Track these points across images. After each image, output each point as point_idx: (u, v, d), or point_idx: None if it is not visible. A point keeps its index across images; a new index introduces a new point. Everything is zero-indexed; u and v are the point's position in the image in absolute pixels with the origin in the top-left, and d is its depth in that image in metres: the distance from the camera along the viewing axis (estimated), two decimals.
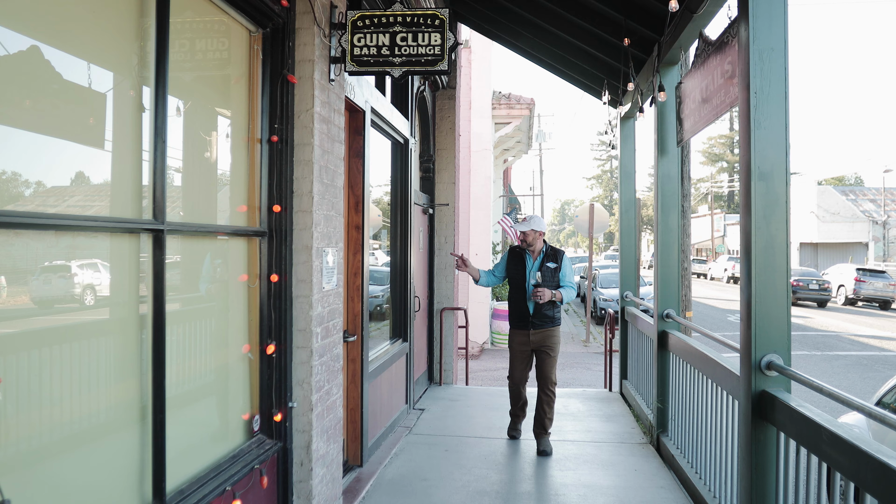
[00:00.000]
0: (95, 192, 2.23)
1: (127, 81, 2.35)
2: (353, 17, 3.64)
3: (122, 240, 2.32)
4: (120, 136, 2.30)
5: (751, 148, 3.36)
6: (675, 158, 5.87)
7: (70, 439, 2.09)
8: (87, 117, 2.15)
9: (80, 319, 2.17)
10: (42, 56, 1.95)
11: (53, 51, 2.01)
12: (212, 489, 2.73)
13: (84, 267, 2.15)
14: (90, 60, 2.18)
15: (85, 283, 2.14)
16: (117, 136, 2.29)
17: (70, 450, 2.09)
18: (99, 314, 2.26)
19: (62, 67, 2.04)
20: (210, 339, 2.97)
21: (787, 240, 3.34)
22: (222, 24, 3.03)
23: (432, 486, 4.78)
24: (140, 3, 2.40)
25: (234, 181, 3.18)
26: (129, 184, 2.36)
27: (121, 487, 2.32)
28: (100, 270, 2.22)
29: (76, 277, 2.10)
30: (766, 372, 3.33)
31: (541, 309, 5.70)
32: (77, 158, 2.13)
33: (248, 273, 3.28)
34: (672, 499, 4.62)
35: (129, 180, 2.35)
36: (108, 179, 2.28)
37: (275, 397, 3.37)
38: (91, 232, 2.18)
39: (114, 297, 2.30)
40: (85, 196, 2.18)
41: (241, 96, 3.22)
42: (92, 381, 2.18)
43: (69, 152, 2.09)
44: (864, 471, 2.40)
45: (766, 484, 3.32)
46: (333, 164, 3.76)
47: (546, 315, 5.72)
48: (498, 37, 8.76)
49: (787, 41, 3.35)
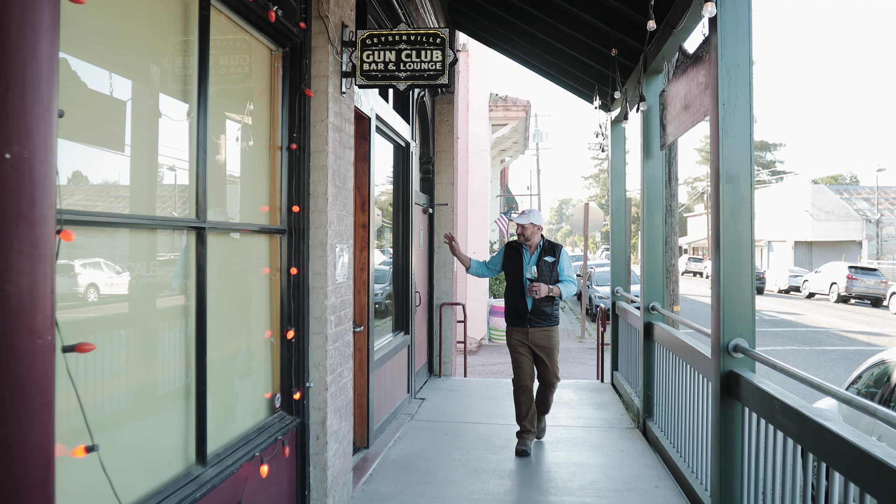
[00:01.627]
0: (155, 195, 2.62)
1: (177, 99, 2.74)
2: (363, 35, 4.04)
3: (172, 236, 2.71)
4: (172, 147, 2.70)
5: (720, 154, 3.75)
6: (659, 161, 6.27)
7: (136, 405, 2.48)
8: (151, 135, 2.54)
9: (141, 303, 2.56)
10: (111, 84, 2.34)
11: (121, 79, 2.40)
12: (243, 454, 3.12)
13: (145, 259, 2.54)
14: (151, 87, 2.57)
15: (144, 273, 2.53)
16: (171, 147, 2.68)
17: (136, 414, 2.48)
18: (155, 300, 2.64)
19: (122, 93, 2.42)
20: (239, 324, 3.36)
21: (752, 236, 3.74)
22: (248, 45, 3.42)
23: (434, 465, 5.18)
24: (185, 32, 2.79)
25: (259, 184, 3.57)
26: (179, 188, 2.75)
27: (172, 449, 2.71)
28: (156, 262, 2.61)
29: (137, 268, 2.49)
30: (734, 354, 3.72)
31: (539, 305, 5.54)
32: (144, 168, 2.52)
33: (270, 266, 3.67)
34: (655, 475, 5.02)
35: (179, 185, 2.74)
36: (164, 184, 2.67)
37: (294, 378, 3.76)
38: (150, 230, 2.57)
39: (166, 285, 2.69)
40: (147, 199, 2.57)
41: (264, 108, 3.61)
42: (151, 356, 2.58)
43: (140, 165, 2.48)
44: (805, 432, 2.80)
45: (734, 454, 3.71)
46: (345, 169, 4.15)
47: (544, 312, 5.55)
48: (494, 44, 9.16)
49: (751, 58, 3.75)
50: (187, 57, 2.79)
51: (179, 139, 2.75)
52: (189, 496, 2.63)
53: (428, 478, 4.88)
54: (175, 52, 2.74)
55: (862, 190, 46.50)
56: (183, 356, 2.77)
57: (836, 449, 2.54)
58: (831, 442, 2.57)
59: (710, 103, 3.96)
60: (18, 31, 1.60)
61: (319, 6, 3.83)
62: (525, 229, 5.69)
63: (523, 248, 5.71)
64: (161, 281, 2.66)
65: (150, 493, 2.49)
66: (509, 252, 5.80)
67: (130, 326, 2.48)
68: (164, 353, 2.67)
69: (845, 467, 2.47)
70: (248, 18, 3.28)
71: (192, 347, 2.79)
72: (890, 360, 5.23)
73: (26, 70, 1.61)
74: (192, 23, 2.80)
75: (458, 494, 4.55)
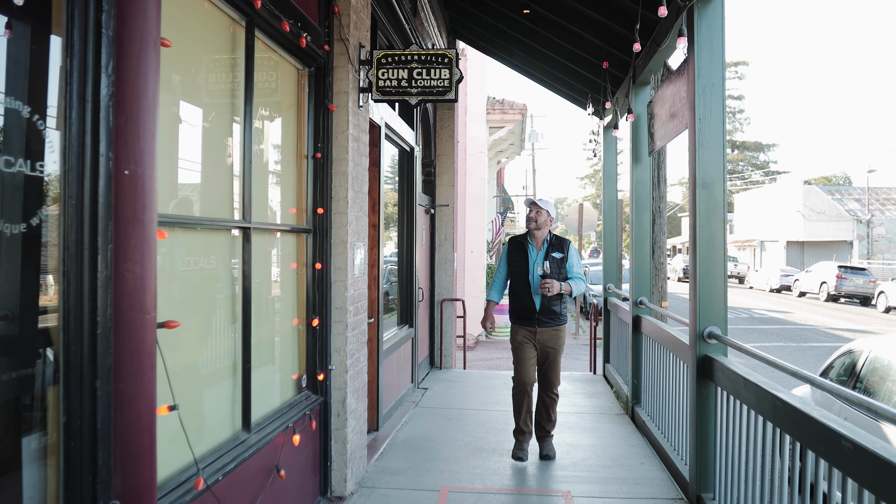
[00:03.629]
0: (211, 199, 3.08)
1: (227, 117, 3.21)
2: (378, 55, 4.50)
3: (228, 235, 3.17)
4: (225, 159, 3.16)
5: (696, 162, 4.23)
6: (647, 166, 6.76)
7: (199, 377, 2.94)
8: (210, 149, 3.00)
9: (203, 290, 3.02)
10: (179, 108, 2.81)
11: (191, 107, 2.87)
12: (278, 425, 3.58)
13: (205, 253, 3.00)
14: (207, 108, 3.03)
15: (206, 266, 3.00)
16: (224, 158, 3.15)
17: (200, 385, 2.94)
18: (213, 288, 3.11)
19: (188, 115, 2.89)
20: (274, 312, 3.82)
21: (724, 236, 4.22)
22: (282, 67, 3.89)
23: (439, 444, 5.65)
24: (233, 63, 3.26)
25: (290, 189, 4.03)
26: (232, 194, 3.21)
27: (225, 416, 3.17)
28: (214, 256, 3.08)
29: (200, 261, 2.96)
30: (708, 340, 4.20)
31: (548, 304, 5.19)
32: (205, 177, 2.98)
33: (297, 262, 4.14)
34: (641, 454, 5.50)
35: (232, 191, 3.21)
36: (220, 191, 3.13)
37: (318, 361, 4.23)
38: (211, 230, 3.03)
39: (223, 276, 3.15)
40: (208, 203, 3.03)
41: (293, 121, 4.08)
42: (211, 337, 3.04)
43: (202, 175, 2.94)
44: (763, 404, 3.28)
45: (708, 428, 4.19)
46: (361, 174, 4.62)
47: (553, 311, 5.22)
48: (492, 53, 9.64)
49: (724, 78, 4.22)
50: (235, 82, 3.25)
51: (231, 152, 3.21)
52: (238, 456, 3.10)
53: (434, 455, 5.35)
54: (226, 78, 3.20)
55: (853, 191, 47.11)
56: (233, 338, 3.23)
57: (785, 415, 3.02)
58: (781, 409, 3.05)
59: (688, 117, 4.44)
60: (135, 75, 2.06)
61: (341, 30, 4.29)
62: (539, 215, 5.28)
63: (529, 243, 5.34)
64: (218, 272, 3.12)
65: (210, 451, 2.96)
66: (514, 248, 5.40)
67: (196, 310, 2.94)
68: (219, 335, 3.14)
69: (791, 429, 2.95)
70: (282, 44, 3.75)
71: (239, 330, 3.25)
72: (856, 349, 5.72)
73: (140, 105, 2.08)
74: (240, 52, 3.26)
75: (461, 469, 5.03)
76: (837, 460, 2.51)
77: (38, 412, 2.00)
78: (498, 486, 4.72)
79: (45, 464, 2.01)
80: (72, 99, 1.98)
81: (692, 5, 4.20)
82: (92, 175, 2.01)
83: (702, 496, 4.19)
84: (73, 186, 1.99)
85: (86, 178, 2.00)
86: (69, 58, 1.97)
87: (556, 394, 5.36)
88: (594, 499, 4.49)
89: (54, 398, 2.00)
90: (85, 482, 2.01)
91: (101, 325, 2.02)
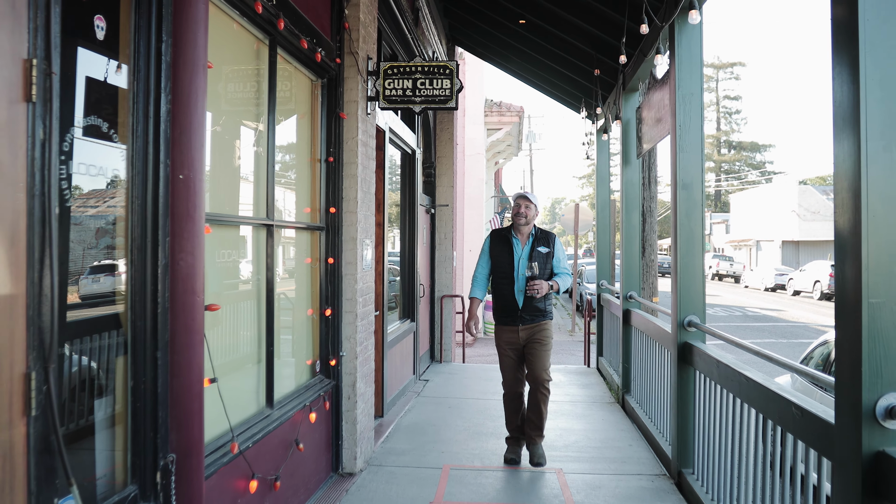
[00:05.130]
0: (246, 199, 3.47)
1: (254, 125, 3.59)
2: (385, 66, 4.88)
3: (252, 231, 3.56)
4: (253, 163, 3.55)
5: (677, 165, 4.62)
6: (636, 168, 7.15)
7: (231, 357, 3.32)
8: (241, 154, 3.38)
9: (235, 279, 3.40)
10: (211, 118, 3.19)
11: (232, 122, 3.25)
12: (297, 403, 3.96)
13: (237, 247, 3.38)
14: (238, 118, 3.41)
15: (237, 258, 3.38)
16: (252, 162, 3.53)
17: (231, 363, 3.32)
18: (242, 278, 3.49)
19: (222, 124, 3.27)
20: (292, 302, 4.20)
21: (702, 233, 4.60)
22: (299, 79, 4.27)
23: (440, 429, 6.04)
24: (258, 75, 3.64)
25: (305, 190, 4.42)
26: (257, 194, 3.60)
27: (252, 392, 3.56)
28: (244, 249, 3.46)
29: (233, 254, 3.34)
30: (688, 328, 4.59)
31: (531, 302, 5.00)
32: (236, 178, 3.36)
33: (312, 257, 4.52)
34: (629, 437, 5.89)
35: (257, 192, 3.59)
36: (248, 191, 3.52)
37: (330, 347, 4.61)
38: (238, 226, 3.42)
39: (251, 267, 3.54)
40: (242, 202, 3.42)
41: (307, 129, 4.46)
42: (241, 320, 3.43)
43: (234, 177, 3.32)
44: (732, 382, 3.67)
45: (688, 408, 4.58)
46: (369, 177, 5.00)
47: (537, 308, 5.02)
48: (490, 59, 10.03)
49: (702, 88, 4.60)
50: (259, 94, 3.64)
51: (258, 157, 3.59)
52: (264, 428, 3.48)
53: (436, 438, 5.73)
54: (252, 91, 3.59)
55: None
56: (258, 323, 3.61)
57: (750, 390, 3.41)
58: (746, 385, 3.44)
59: (670, 123, 4.82)
60: (187, 94, 2.45)
61: (351, 44, 4.67)
62: (529, 210, 5.07)
63: (513, 237, 5.09)
64: (246, 264, 3.51)
65: (241, 422, 3.34)
66: (497, 242, 5.13)
67: (228, 298, 3.32)
68: (247, 320, 3.52)
69: (755, 402, 3.34)
70: (299, 59, 4.13)
71: (263, 316, 3.63)
72: (830, 339, 6.11)
73: (192, 119, 2.46)
74: (264, 67, 3.65)
75: (462, 450, 5.41)
76: (788, 424, 2.89)
77: (109, 379, 2.38)
78: (495, 464, 5.09)
79: (114, 422, 2.39)
80: (137, 115, 2.37)
81: (673, 21, 4.59)
82: (153, 179, 2.39)
83: (682, 471, 4.58)
84: (139, 189, 2.37)
85: (149, 182, 2.39)
86: (135, 82, 2.36)
87: (547, 389, 5.04)
88: (584, 475, 4.87)
89: (122, 367, 2.38)
90: (148, 438, 2.40)
91: (160, 305, 2.41)
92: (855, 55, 2.17)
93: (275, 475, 3.55)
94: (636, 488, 4.62)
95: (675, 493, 4.53)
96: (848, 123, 2.20)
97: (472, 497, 4.42)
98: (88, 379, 2.31)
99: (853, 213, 2.18)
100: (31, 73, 1.77)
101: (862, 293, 2.13)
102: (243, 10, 3.29)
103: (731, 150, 71.07)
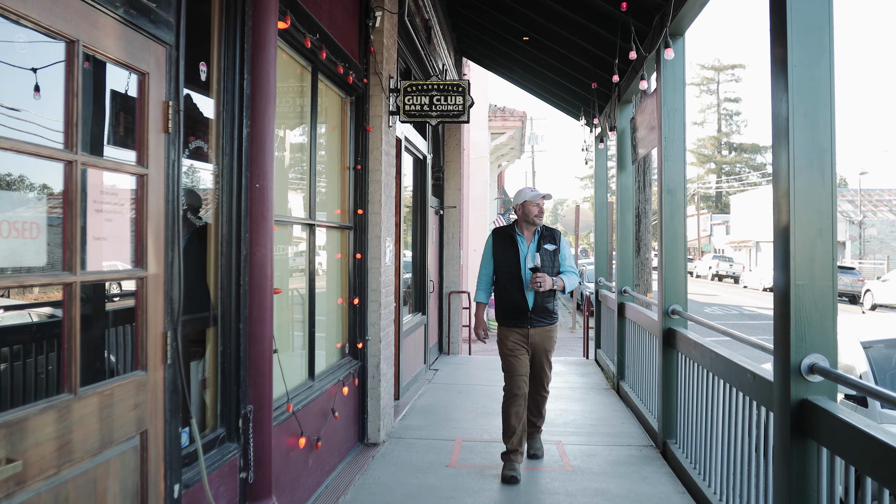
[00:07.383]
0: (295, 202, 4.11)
1: (301, 139, 4.23)
2: (405, 85, 5.53)
3: (299, 229, 4.20)
4: (300, 171, 4.19)
5: (663, 173, 5.25)
6: (630, 173, 7.79)
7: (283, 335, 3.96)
8: (293, 165, 4.02)
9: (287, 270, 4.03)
10: None
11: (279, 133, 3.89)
12: (332, 379, 4.60)
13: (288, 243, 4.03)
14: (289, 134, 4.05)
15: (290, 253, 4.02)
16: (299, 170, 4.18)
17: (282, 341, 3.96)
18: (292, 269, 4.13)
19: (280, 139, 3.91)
20: (327, 291, 4.85)
21: (685, 233, 5.23)
22: (331, 97, 4.91)
23: (451, 410, 6.68)
24: (301, 93, 4.28)
25: (336, 194, 5.06)
26: (303, 198, 4.24)
27: (299, 366, 4.20)
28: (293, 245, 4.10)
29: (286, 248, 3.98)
30: (672, 316, 5.22)
31: (541, 301, 4.78)
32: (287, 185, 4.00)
33: (342, 252, 5.16)
34: (622, 417, 6.52)
35: (303, 196, 4.24)
36: (296, 195, 4.16)
37: (357, 332, 5.25)
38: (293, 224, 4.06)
39: (298, 260, 4.18)
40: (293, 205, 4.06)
41: (338, 140, 5.10)
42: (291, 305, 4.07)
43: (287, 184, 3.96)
44: (706, 359, 4.30)
45: (672, 387, 5.21)
46: (390, 182, 5.64)
47: (546, 308, 4.82)
48: (495, 69, 10.68)
49: (684, 105, 5.23)
50: (304, 112, 4.28)
51: (303, 166, 4.24)
52: (308, 396, 4.12)
53: (447, 416, 6.38)
54: (297, 110, 4.24)
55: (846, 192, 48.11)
56: (303, 307, 4.26)
57: (718, 364, 4.04)
58: (716, 360, 4.07)
59: (656, 136, 5.46)
60: (262, 119, 3.09)
61: (375, 65, 5.32)
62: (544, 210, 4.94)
63: (518, 235, 4.88)
64: (294, 257, 4.15)
65: (292, 389, 3.97)
66: (501, 241, 4.91)
67: (282, 284, 3.96)
68: (294, 304, 4.17)
69: (722, 373, 3.97)
70: (334, 81, 4.77)
71: (307, 302, 4.28)
72: None
73: (265, 139, 3.11)
74: (307, 89, 4.29)
75: (471, 426, 6.05)
76: (745, 388, 3.53)
77: (202, 346, 3.02)
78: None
79: (205, 379, 3.03)
80: (224, 137, 3.01)
81: (658, 48, 5.22)
82: (237, 188, 3.03)
83: (667, 441, 5.21)
84: (226, 195, 3.01)
85: (233, 190, 3.03)
86: (223, 111, 3.00)
87: (548, 391, 5.14)
88: (581, 446, 5.51)
89: (213, 335, 3.02)
90: (232, 391, 3.04)
91: (242, 287, 3.05)
92: (785, 86, 2.80)
93: (317, 436, 4.19)
94: (626, 456, 5.26)
95: (659, 459, 5.17)
96: (783, 139, 2.83)
97: (483, 462, 5.06)
98: (187, 346, 2.95)
99: (785, 213, 2.81)
100: (168, 112, 2.41)
101: (790, 276, 2.76)
102: (294, 45, 3.94)
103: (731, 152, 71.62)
